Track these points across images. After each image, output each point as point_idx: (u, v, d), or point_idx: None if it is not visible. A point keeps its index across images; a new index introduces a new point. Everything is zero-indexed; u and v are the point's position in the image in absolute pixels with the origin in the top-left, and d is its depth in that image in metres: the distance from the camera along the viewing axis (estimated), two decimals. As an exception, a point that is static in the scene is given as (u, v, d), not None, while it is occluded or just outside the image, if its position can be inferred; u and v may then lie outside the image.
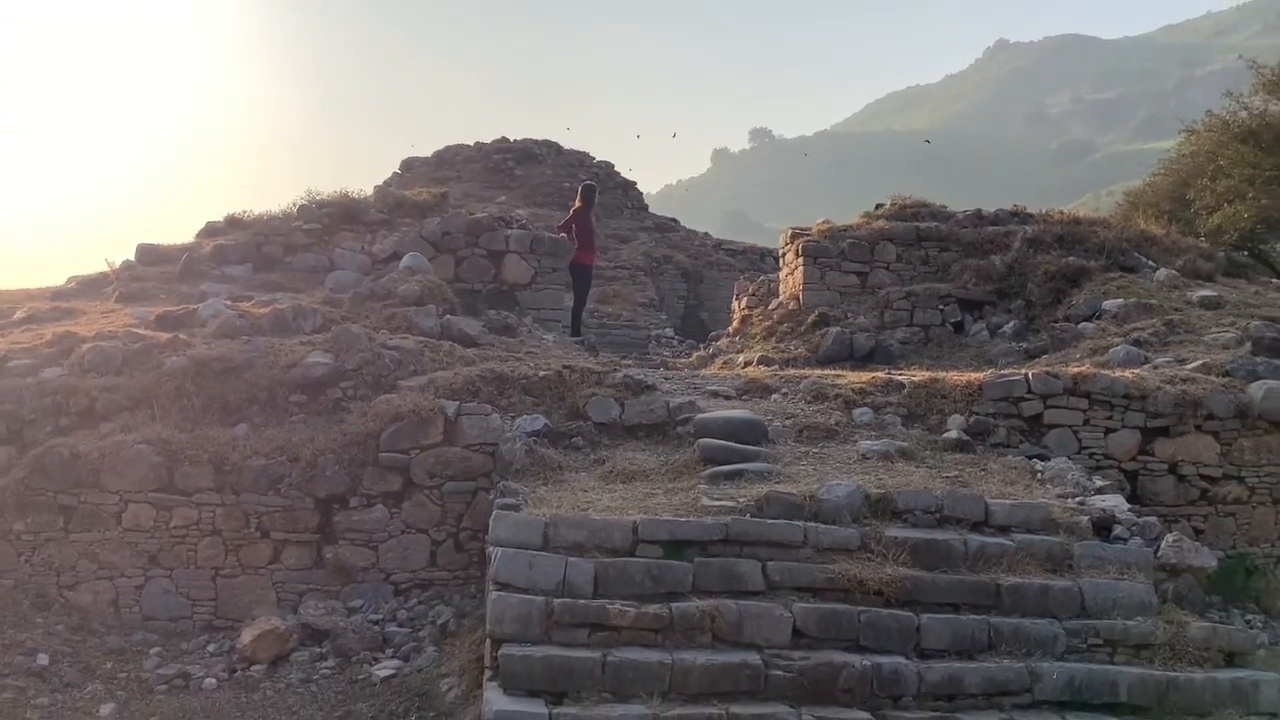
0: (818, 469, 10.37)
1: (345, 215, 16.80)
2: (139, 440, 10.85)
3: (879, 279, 17.20)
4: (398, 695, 9.21)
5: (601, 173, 31.53)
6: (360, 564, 10.81)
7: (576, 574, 8.52)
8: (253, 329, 12.72)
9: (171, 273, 15.77)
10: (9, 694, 9.05)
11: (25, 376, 11.71)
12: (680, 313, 26.56)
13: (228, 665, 9.90)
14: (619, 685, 7.97)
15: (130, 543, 10.65)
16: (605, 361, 13.94)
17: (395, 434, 10.98)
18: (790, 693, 8.13)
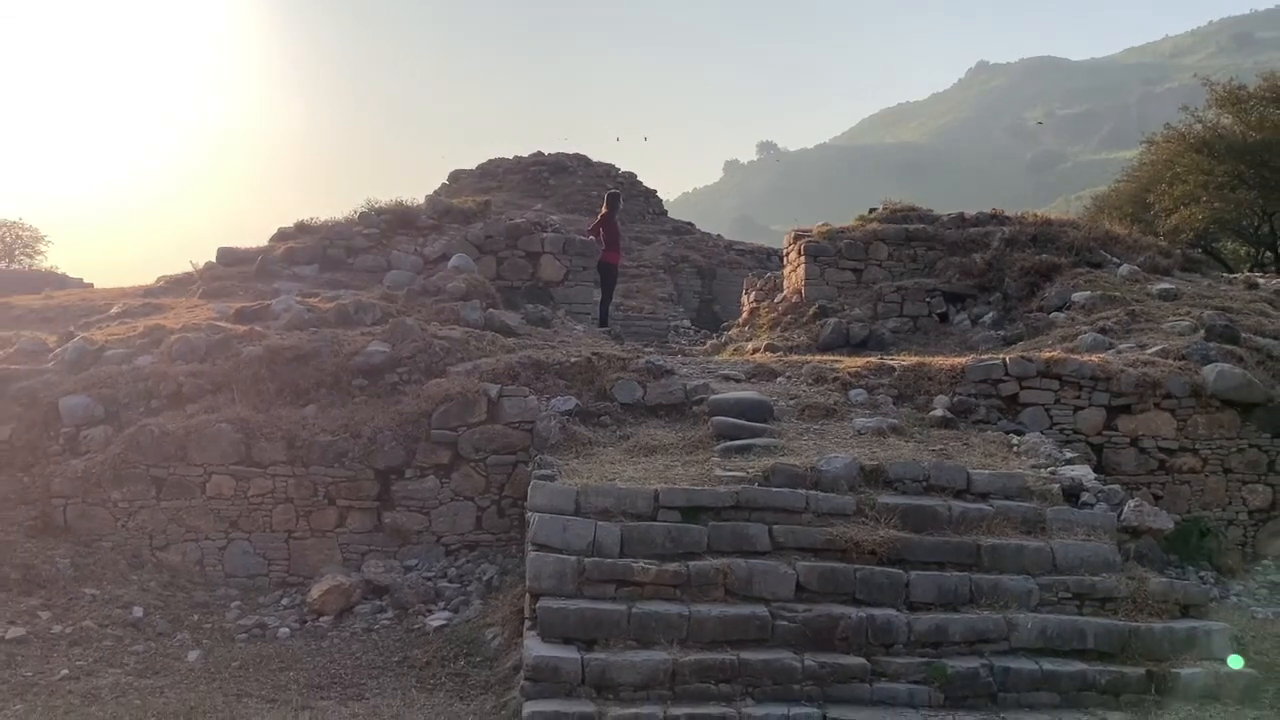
0: (818, 443, 10.35)
1: (400, 221, 16.84)
2: (220, 420, 10.89)
3: (872, 275, 17.13)
4: (448, 643, 9.24)
5: (625, 182, 31.47)
6: (415, 528, 10.84)
7: (605, 536, 8.55)
8: (319, 322, 12.75)
9: (248, 272, 15.83)
10: (109, 642, 9.12)
11: (121, 364, 11.79)
12: (696, 306, 26.50)
13: (299, 616, 9.95)
14: (643, 634, 8.01)
15: (213, 509, 10.69)
16: (629, 349, 13.94)
17: (445, 413, 11.02)
18: (794, 640, 8.14)
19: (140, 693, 8.13)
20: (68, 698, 7.98)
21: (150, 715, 7.62)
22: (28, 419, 11.21)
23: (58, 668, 8.53)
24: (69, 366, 11.84)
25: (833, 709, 7.73)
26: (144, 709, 7.76)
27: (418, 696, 8.20)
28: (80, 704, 7.85)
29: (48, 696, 7.99)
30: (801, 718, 7.59)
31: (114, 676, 8.45)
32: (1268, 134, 24.70)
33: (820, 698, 7.85)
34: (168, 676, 8.52)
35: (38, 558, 9.96)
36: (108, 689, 8.18)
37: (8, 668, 8.49)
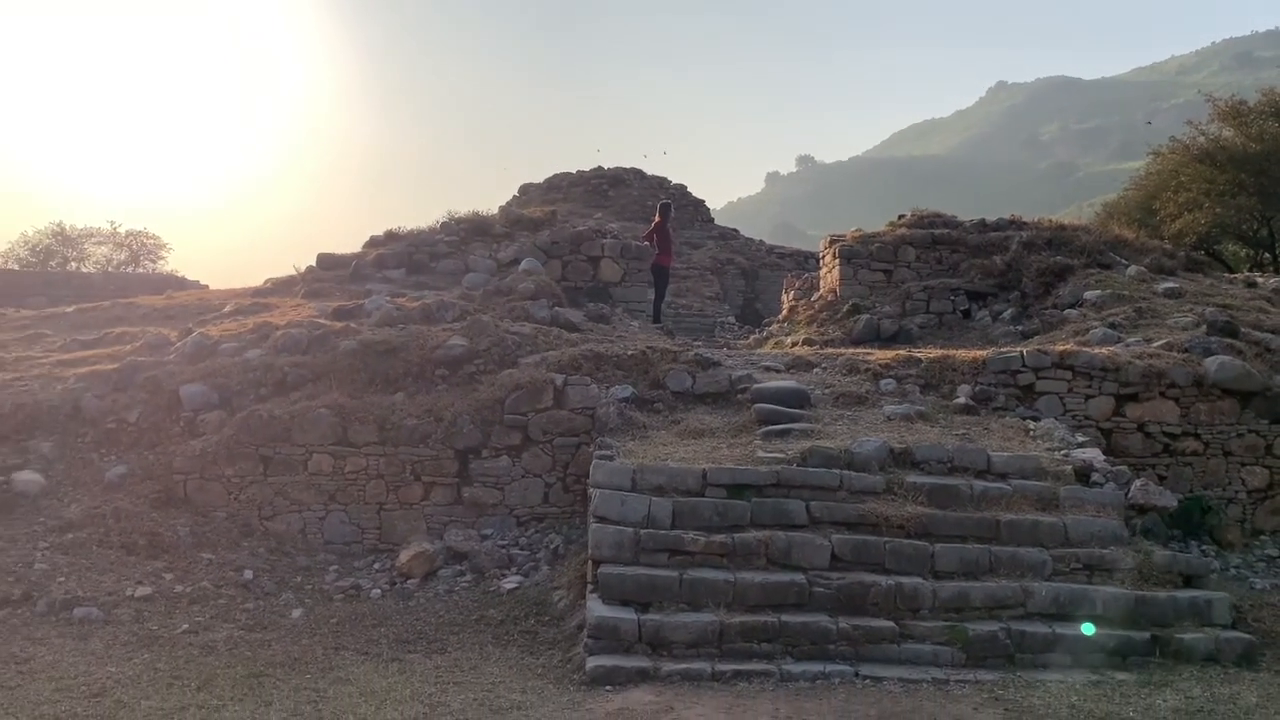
0: (851, 428, 10.29)
1: (477, 229, 16.94)
2: (320, 405, 11.01)
3: (901, 275, 16.95)
4: (520, 603, 9.30)
5: (676, 193, 31.33)
6: (490, 501, 10.91)
7: (658, 510, 8.57)
8: (406, 319, 12.84)
9: (344, 275, 15.99)
10: (223, 600, 9.26)
11: (233, 356, 11.97)
12: (740, 304, 26.35)
13: (389, 579, 10.03)
14: (693, 597, 8.02)
15: (314, 484, 10.80)
16: (680, 343, 13.91)
17: (516, 400, 11.07)
18: (829, 605, 8.12)
19: (250, 645, 8.26)
20: (188, 649, 8.13)
21: (259, 665, 7.73)
22: (153, 404, 11.44)
23: (179, 622, 8.70)
24: (188, 358, 12.05)
25: (864, 667, 7.70)
26: (254, 660, 7.88)
27: (493, 651, 8.27)
28: (199, 655, 7.99)
29: (170, 648, 8.15)
30: (836, 674, 7.57)
31: (228, 631, 8.59)
32: (1267, 145, 24.09)
33: (853, 657, 7.82)
34: (274, 631, 8.65)
35: (162, 526, 10.14)
36: (222, 642, 8.33)
37: (136, 622, 8.67)
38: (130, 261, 35.78)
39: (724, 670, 7.49)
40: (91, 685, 7.15)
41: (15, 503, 10.25)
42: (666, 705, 6.90)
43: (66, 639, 8.23)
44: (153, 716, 6.54)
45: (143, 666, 7.63)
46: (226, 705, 6.79)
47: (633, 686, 7.28)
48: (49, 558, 9.49)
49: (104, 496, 10.43)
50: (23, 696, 6.89)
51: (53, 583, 9.12)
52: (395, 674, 7.61)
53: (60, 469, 10.86)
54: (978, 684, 7.53)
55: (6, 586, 9.00)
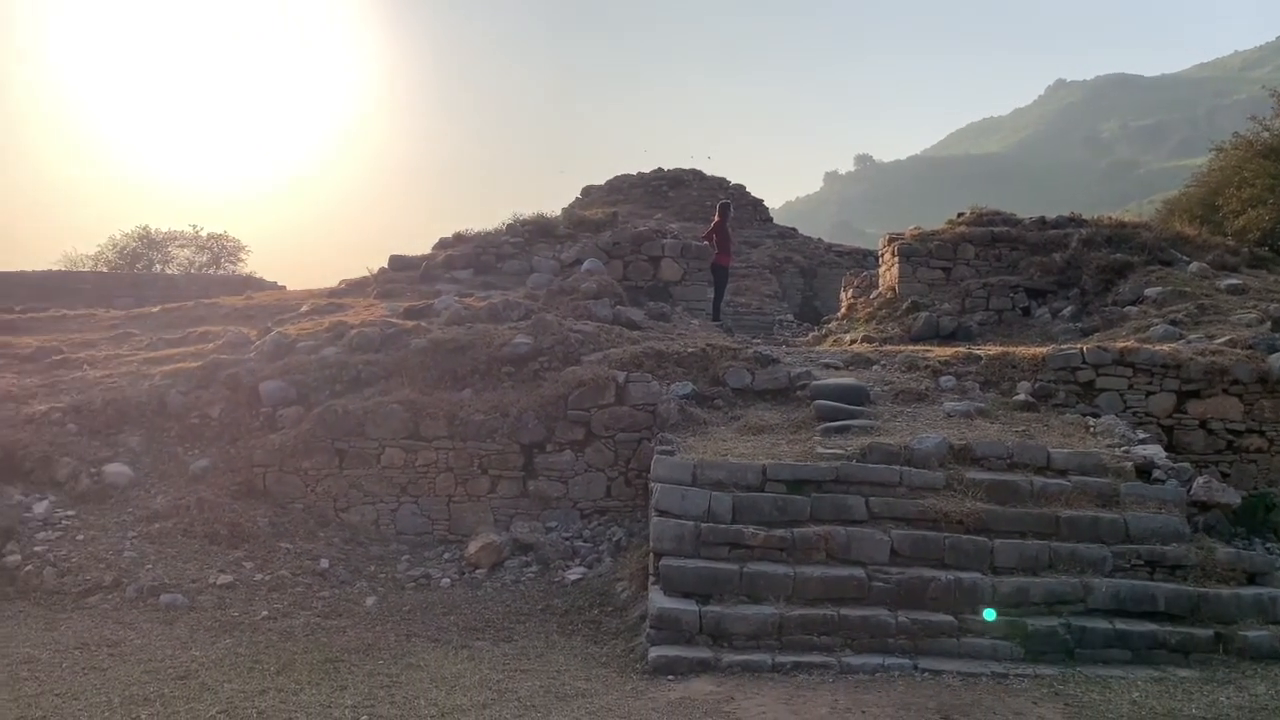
0: (910, 425, 10.17)
1: (541, 231, 17.04)
2: (392, 401, 11.14)
3: (960, 273, 16.74)
4: (584, 594, 9.34)
5: (735, 193, 31.26)
6: (554, 494, 10.96)
7: (718, 505, 8.55)
8: (474, 318, 12.95)
9: (414, 276, 16.19)
10: (300, 588, 9.44)
11: (310, 354, 12.17)
12: (798, 302, 26.20)
13: (458, 569, 10.13)
14: (753, 590, 7.99)
15: (387, 477, 10.93)
16: (739, 340, 13.87)
17: (579, 396, 11.11)
18: (888, 600, 8.03)
19: (327, 631, 8.40)
20: (267, 635, 8.29)
21: (335, 651, 7.85)
22: (234, 400, 11.68)
23: (259, 609, 8.88)
24: (267, 356, 12.29)
25: (923, 660, 7.61)
26: (330, 645, 8.00)
27: (559, 639, 8.31)
28: (278, 640, 8.14)
29: (251, 633, 8.32)
30: (895, 667, 7.49)
31: (305, 617, 8.75)
32: (1333, 140, 23.31)
33: (912, 650, 7.73)
34: (349, 618, 8.78)
35: (242, 517, 10.35)
36: (300, 628, 8.48)
37: (219, 608, 8.87)
38: (211, 263, 36.63)
39: (784, 662, 7.46)
40: (178, 668, 7.33)
41: (106, 493, 10.55)
42: (727, 695, 6.89)
43: (154, 624, 8.45)
44: (235, 699, 6.68)
45: (225, 651, 7.80)
46: (304, 689, 6.92)
47: (694, 676, 7.28)
48: (137, 546, 9.75)
49: (188, 488, 10.68)
50: (114, 678, 7.09)
51: (141, 570, 9.36)
52: (464, 661, 7.69)
53: (147, 462, 11.14)
54: (1037, 679, 7.41)
55: (98, 573, 9.27)
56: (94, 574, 9.26)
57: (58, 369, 13.57)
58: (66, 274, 29.06)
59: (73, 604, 8.88)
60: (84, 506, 10.33)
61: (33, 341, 15.15)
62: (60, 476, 10.65)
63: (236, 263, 37.31)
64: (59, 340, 15.35)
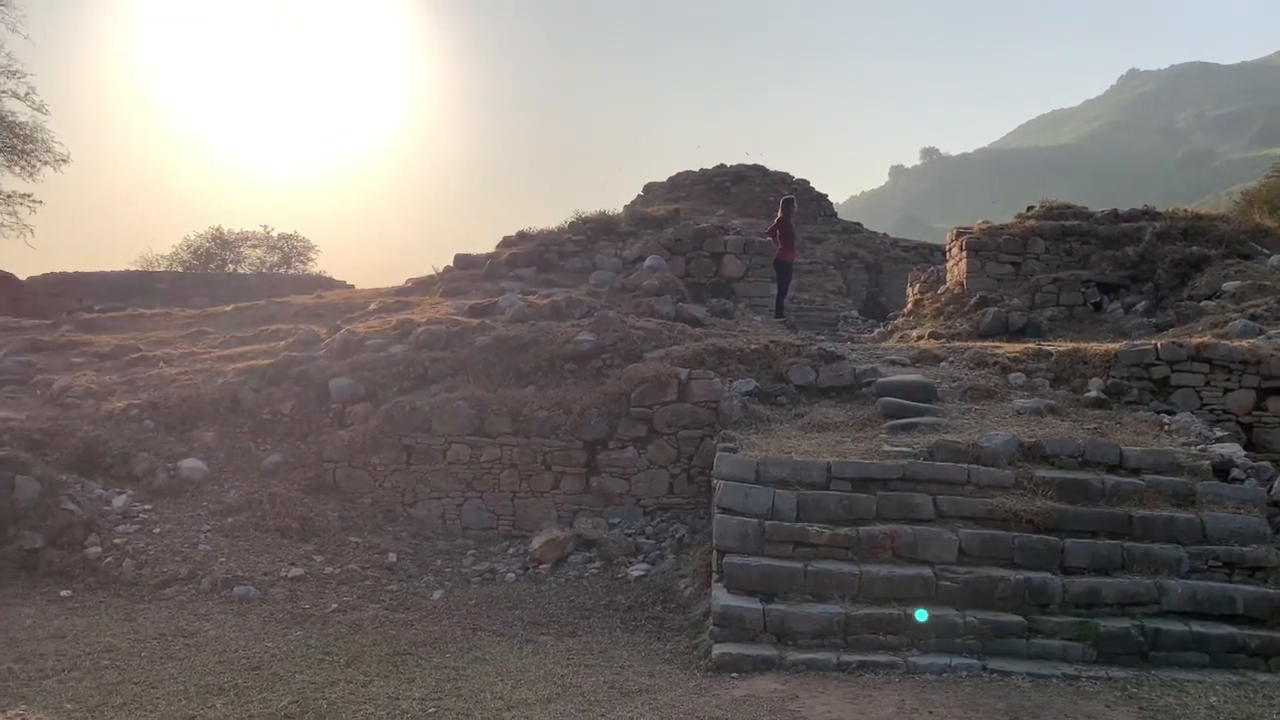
0: (978, 422, 10.00)
1: (603, 228, 17.08)
2: (458, 398, 11.27)
3: (1030, 268, 16.42)
4: (647, 590, 9.36)
5: (799, 188, 30.98)
6: (617, 491, 11.00)
7: (782, 503, 8.50)
8: (537, 315, 13.03)
9: (479, 274, 16.34)
10: (369, 581, 9.60)
11: (378, 352, 12.36)
12: (863, 298, 25.92)
13: (523, 564, 10.21)
14: (817, 589, 7.93)
15: (453, 472, 11.06)
16: (803, 337, 13.77)
17: (642, 393, 11.13)
18: (956, 599, 7.91)
19: (395, 624, 8.53)
20: (337, 627, 8.44)
21: (403, 644, 7.97)
22: (304, 397, 11.91)
23: (329, 602, 9.05)
24: (337, 354, 12.51)
25: (992, 661, 7.48)
26: (398, 638, 8.13)
27: (622, 635, 8.34)
28: (347, 632, 8.29)
29: (321, 625, 8.48)
30: (963, 667, 7.38)
31: (374, 610, 8.89)
32: None
33: (980, 651, 7.61)
34: (417, 611, 8.91)
35: (312, 511, 10.56)
36: (369, 620, 8.63)
37: (290, 601, 9.06)
38: (282, 263, 37.38)
39: (849, 661, 7.39)
40: (251, 659, 7.50)
41: (182, 488, 10.83)
42: (791, 693, 6.85)
43: (228, 615, 8.66)
44: (306, 690, 6.82)
45: (296, 642, 7.96)
46: (373, 681, 7.04)
47: (758, 674, 7.25)
48: (211, 539, 10.00)
49: (260, 483, 10.93)
50: (190, 667, 7.28)
51: (215, 562, 9.60)
52: (529, 655, 7.76)
53: (221, 457, 11.41)
54: (1110, 681, 7.24)
55: (175, 565, 9.53)
56: (170, 566, 9.51)
57: (135, 366, 13.97)
58: (143, 274, 29.91)
59: (150, 595, 9.14)
60: (161, 500, 10.62)
61: (111, 340, 15.62)
62: (138, 471, 10.96)
63: (306, 262, 38.04)
64: (136, 338, 15.81)
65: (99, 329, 17.20)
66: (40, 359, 14.59)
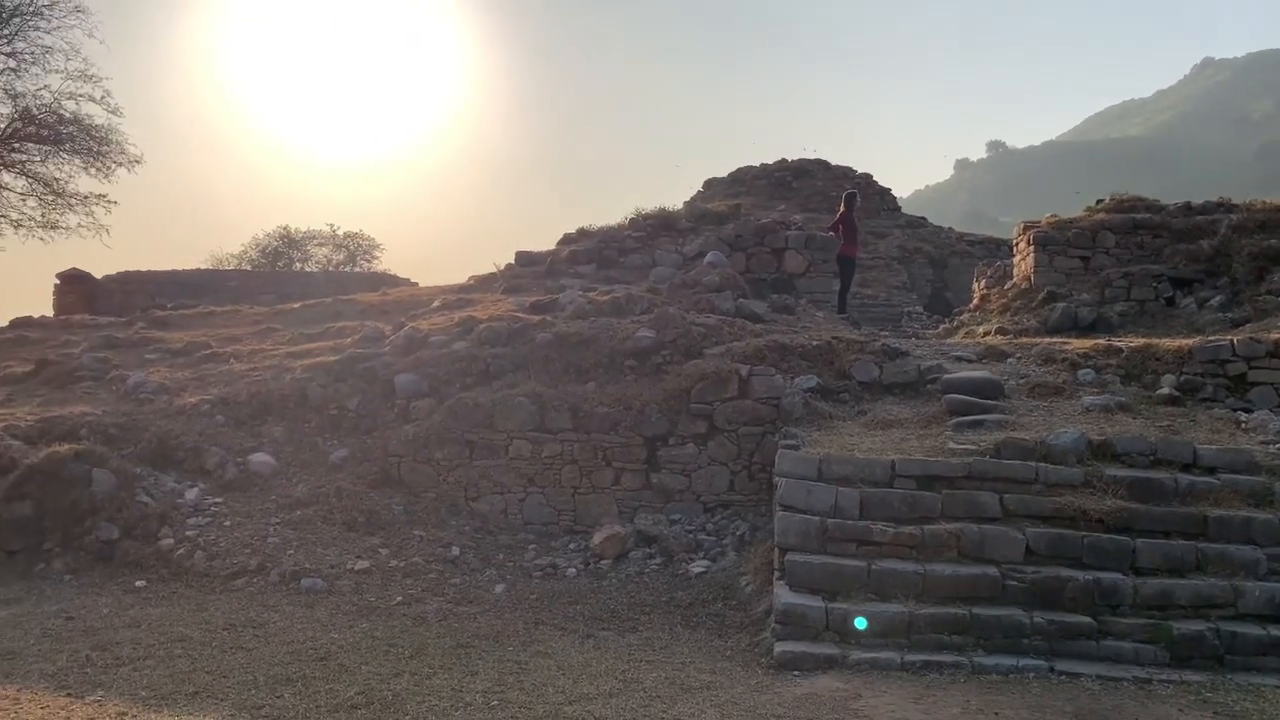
0: (1046, 419, 9.81)
1: (663, 225, 17.07)
2: (519, 394, 11.36)
3: (1100, 262, 16.05)
4: (708, 587, 9.34)
5: (861, 182, 30.60)
6: (677, 487, 11.00)
7: (845, 500, 8.43)
8: (597, 312, 13.09)
9: (539, 271, 16.44)
10: (433, 575, 9.72)
11: (441, 348, 12.50)
12: (928, 293, 25.54)
13: (583, 559, 10.26)
14: (881, 588, 7.86)
15: (514, 468, 11.14)
16: (866, 333, 13.64)
17: (702, 390, 11.12)
18: (1023, 599, 7.79)
19: (458, 617, 8.63)
20: (402, 619, 8.57)
21: (466, 636, 8.06)
22: (370, 393, 12.11)
23: (394, 594, 9.19)
24: (401, 350, 12.68)
25: (1059, 662, 7.36)
26: (461, 631, 8.23)
27: (682, 632, 8.34)
28: (411, 625, 8.41)
29: (386, 618, 8.61)
30: (1030, 669, 7.26)
31: (437, 604, 9.01)
32: None
33: (1047, 652, 7.48)
34: (479, 605, 9.01)
35: (378, 505, 10.72)
36: (433, 613, 8.74)
37: (356, 593, 9.22)
38: (348, 261, 37.97)
39: (913, 660, 7.31)
40: (318, 650, 7.64)
41: (251, 481, 11.07)
42: (854, 692, 6.80)
43: (296, 606, 8.84)
44: (372, 681, 6.93)
45: (362, 634, 8.09)
46: (436, 673, 7.13)
47: (820, 673, 7.20)
48: (280, 532, 10.21)
49: (327, 477, 11.12)
50: (259, 658, 7.44)
51: (283, 555, 9.80)
52: (591, 650, 7.80)
53: (289, 451, 11.65)
54: (1183, 685, 7.07)
55: (244, 557, 9.75)
56: (240, 558, 9.73)
57: (206, 363, 14.32)
58: (213, 272, 30.62)
59: (221, 586, 9.36)
60: (231, 494, 10.87)
61: (183, 337, 16.03)
62: (209, 465, 11.23)
63: (371, 260, 38.58)
64: (207, 335, 16.20)
65: (171, 326, 17.66)
66: (115, 355, 15.03)
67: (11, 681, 6.87)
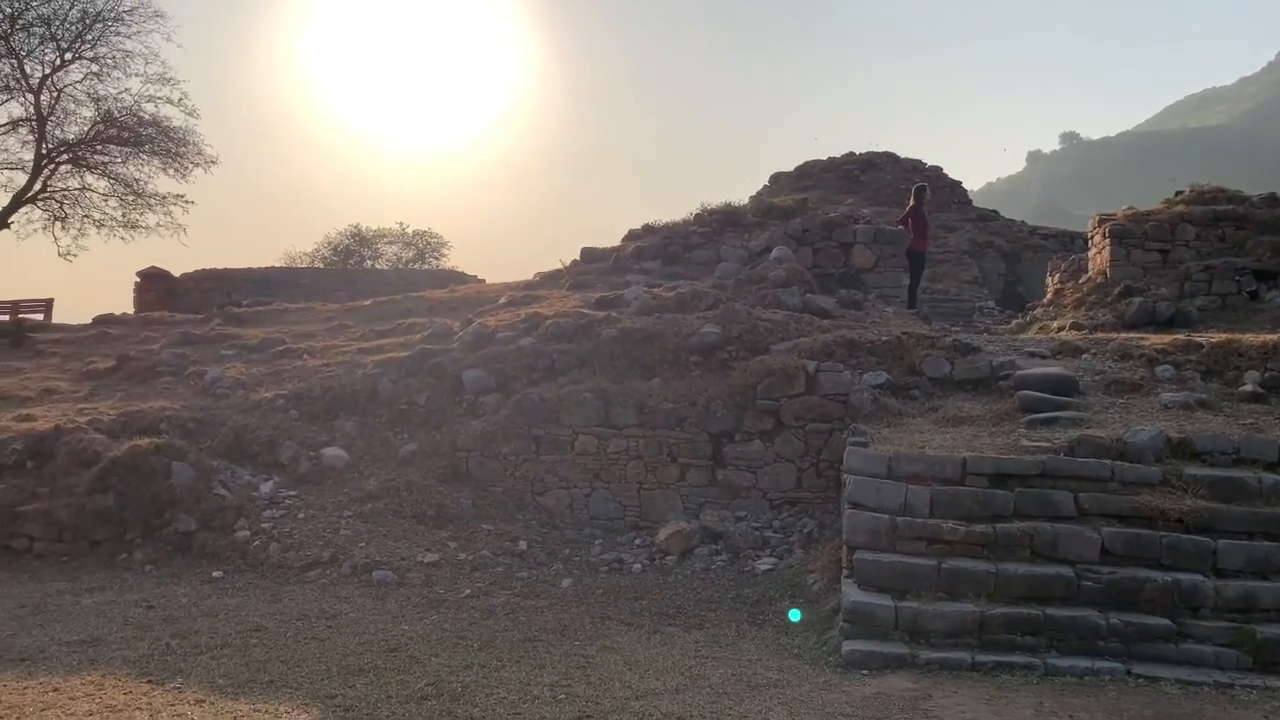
0: (1123, 417, 9.57)
1: (728, 220, 17.04)
2: (585, 389, 11.41)
3: (1179, 255, 15.61)
4: (775, 584, 9.31)
5: (931, 175, 30.14)
6: (743, 484, 10.96)
7: (915, 498, 8.32)
8: (662, 308, 13.09)
9: (604, 268, 16.52)
10: (501, 568, 9.83)
11: (508, 344, 12.61)
12: (1000, 288, 25.06)
13: (649, 555, 10.29)
14: (951, 587, 7.75)
15: (580, 463, 11.20)
16: (937, 329, 13.43)
17: (768, 386, 11.06)
18: (1098, 600, 7.62)
19: (525, 611, 8.71)
20: (470, 612, 8.67)
21: (533, 630, 8.14)
22: (438, 388, 12.27)
23: (463, 587, 9.31)
24: (469, 346, 12.83)
25: (1137, 665, 7.19)
26: (528, 625, 8.30)
27: (749, 629, 8.32)
28: (480, 618, 8.51)
29: (455, 610, 8.72)
30: (1106, 671, 7.10)
31: (505, 597, 9.10)
32: None
33: (1124, 654, 7.31)
34: (546, 599, 9.08)
35: (447, 499, 10.87)
36: (501, 606, 8.83)
37: (425, 586, 9.36)
38: (416, 258, 38.50)
39: (984, 661, 7.20)
40: (389, 641, 7.78)
41: (324, 475, 11.30)
42: (924, 693, 6.72)
43: (367, 598, 9.00)
44: (441, 672, 7.03)
45: (431, 626, 8.21)
46: (505, 666, 7.21)
47: (889, 672, 7.13)
48: (351, 525, 10.40)
49: (397, 471, 11.30)
50: (332, 648, 7.60)
51: (355, 547, 9.98)
52: (657, 645, 7.81)
53: (360, 445, 11.86)
54: (1268, 691, 6.86)
55: (318, 549, 9.95)
56: (313, 550, 9.94)
57: (280, 358, 14.65)
58: (287, 270, 31.32)
59: (295, 577, 9.57)
60: (304, 487, 11.11)
61: (259, 333, 16.43)
62: (283, 459, 11.48)
63: (439, 257, 39.08)
64: (281, 332, 16.57)
65: (247, 323, 18.11)
66: (193, 351, 15.46)
67: (96, 667, 7.11)
